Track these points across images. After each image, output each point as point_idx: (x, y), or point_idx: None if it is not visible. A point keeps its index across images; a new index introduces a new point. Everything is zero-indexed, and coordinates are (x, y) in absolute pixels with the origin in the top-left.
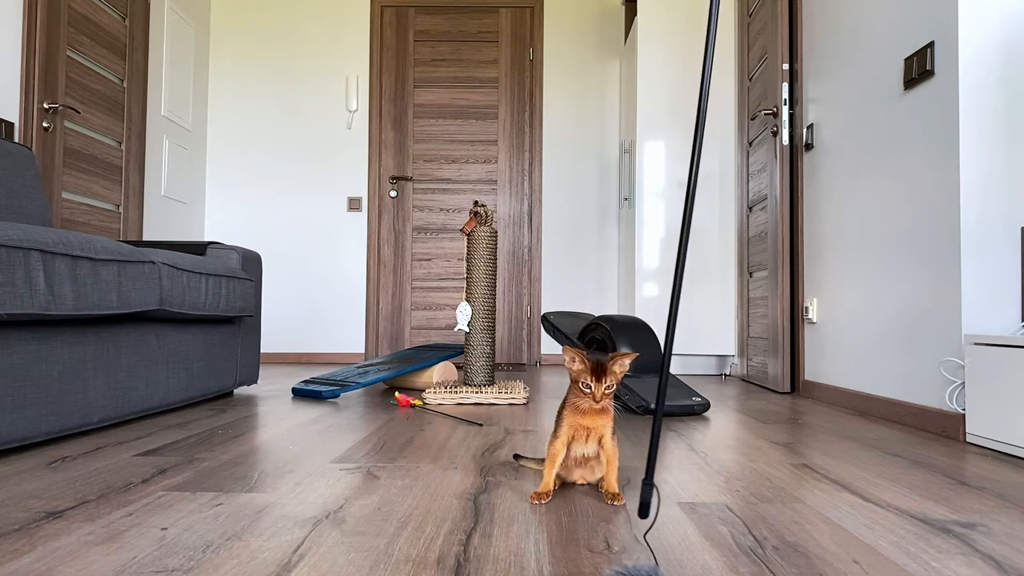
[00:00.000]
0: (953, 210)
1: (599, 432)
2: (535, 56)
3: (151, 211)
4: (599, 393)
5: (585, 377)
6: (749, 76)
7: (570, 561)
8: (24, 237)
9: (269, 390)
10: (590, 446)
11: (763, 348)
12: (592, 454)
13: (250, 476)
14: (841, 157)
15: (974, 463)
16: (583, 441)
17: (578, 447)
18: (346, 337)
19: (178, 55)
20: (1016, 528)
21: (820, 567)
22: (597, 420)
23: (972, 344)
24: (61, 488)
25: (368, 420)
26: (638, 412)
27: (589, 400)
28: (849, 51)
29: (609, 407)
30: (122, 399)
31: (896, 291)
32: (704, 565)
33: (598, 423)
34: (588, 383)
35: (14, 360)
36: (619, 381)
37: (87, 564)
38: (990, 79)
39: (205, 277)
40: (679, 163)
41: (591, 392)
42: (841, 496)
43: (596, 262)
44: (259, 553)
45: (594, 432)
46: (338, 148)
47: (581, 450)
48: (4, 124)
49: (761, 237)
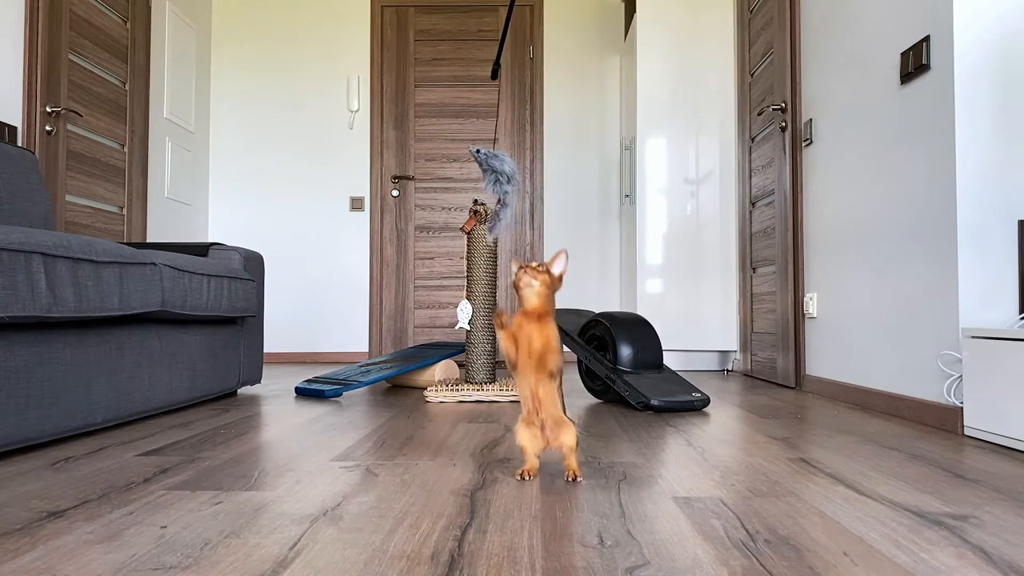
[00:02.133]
0: (950, 204)
1: (542, 339)
2: (535, 54)
3: (155, 213)
4: (530, 269)
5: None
6: (751, 72)
7: (563, 555)
8: (25, 240)
9: (272, 390)
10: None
11: (770, 344)
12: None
13: (250, 475)
14: (839, 152)
15: (971, 456)
16: (528, 351)
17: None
18: (350, 336)
19: (180, 57)
20: (1008, 520)
21: (810, 559)
22: (537, 328)
23: (969, 337)
24: (63, 488)
25: (369, 418)
26: (638, 408)
27: (526, 278)
28: (846, 46)
29: (547, 313)
30: (125, 400)
31: (894, 285)
32: (695, 558)
33: (538, 333)
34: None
35: (17, 362)
36: (553, 273)
37: (87, 562)
38: (986, 72)
39: (207, 278)
40: (680, 159)
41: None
42: (836, 490)
43: (598, 259)
44: (256, 550)
45: (538, 334)
46: (340, 148)
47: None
48: (7, 128)
49: (767, 232)
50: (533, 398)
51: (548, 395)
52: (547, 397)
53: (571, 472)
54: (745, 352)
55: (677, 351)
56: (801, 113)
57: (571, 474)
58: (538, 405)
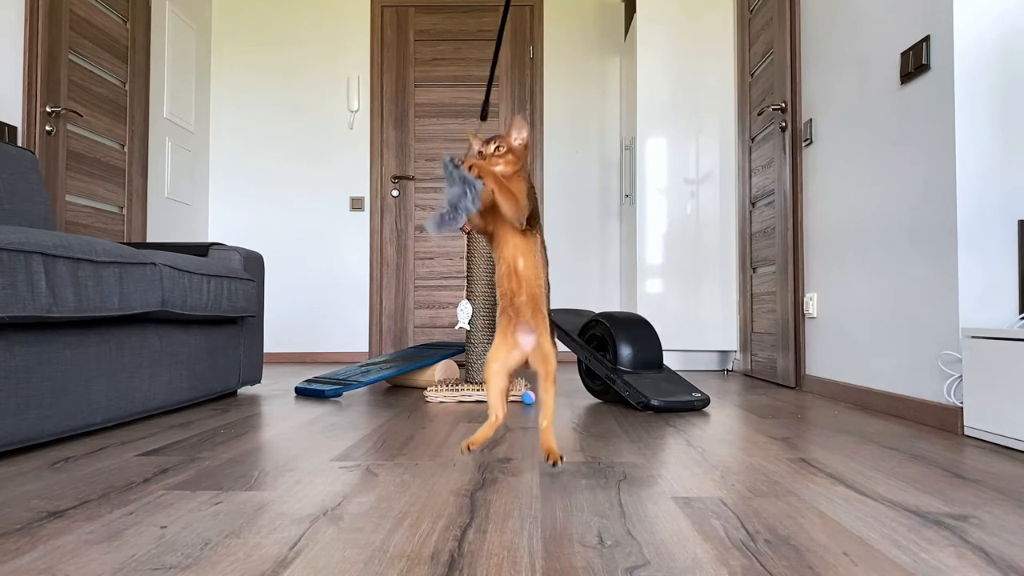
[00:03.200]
0: (950, 204)
1: (516, 248)
2: (535, 54)
3: (155, 213)
4: (492, 157)
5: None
6: (751, 72)
7: (563, 555)
8: (25, 240)
9: (272, 390)
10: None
11: (770, 343)
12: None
13: (250, 475)
14: (839, 152)
15: (971, 456)
16: (505, 258)
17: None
18: (350, 336)
19: (180, 57)
20: (1008, 520)
21: (810, 559)
22: (510, 234)
23: (969, 337)
24: (63, 488)
25: (369, 418)
26: (638, 408)
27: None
28: (846, 46)
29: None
30: (125, 400)
31: (894, 285)
32: (695, 558)
33: (511, 238)
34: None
35: (17, 362)
36: (514, 148)
37: (87, 562)
38: (986, 72)
39: (207, 278)
40: (680, 159)
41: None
42: (836, 490)
43: (598, 259)
44: (256, 550)
45: (508, 244)
46: (340, 148)
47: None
48: (7, 128)
49: (767, 232)
50: (510, 274)
51: (530, 266)
52: (529, 270)
53: (549, 454)
54: (745, 352)
55: (677, 351)
56: (801, 113)
57: (550, 457)
58: (517, 285)
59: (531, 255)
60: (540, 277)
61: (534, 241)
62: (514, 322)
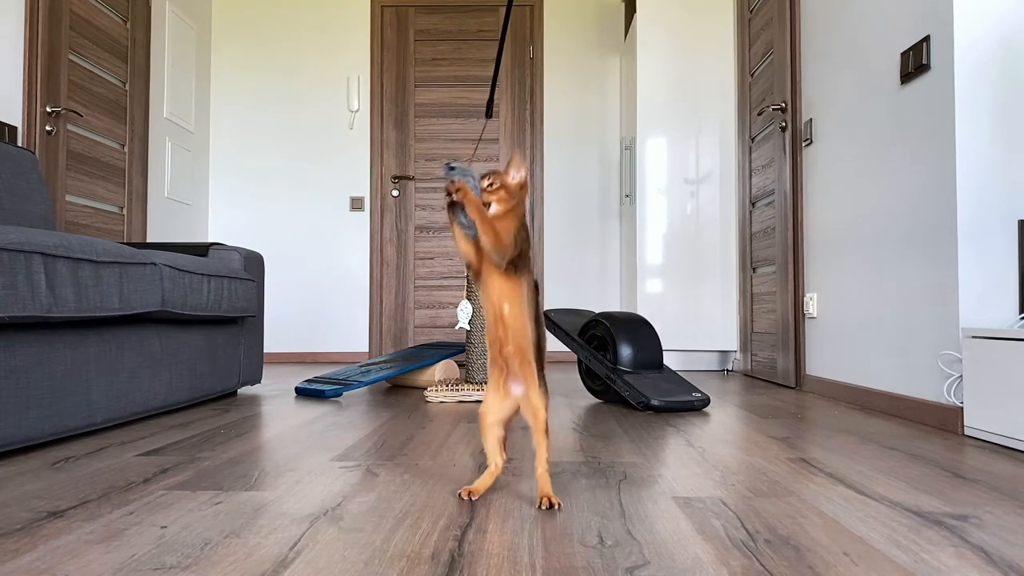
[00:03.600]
0: (950, 204)
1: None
2: (535, 54)
3: (155, 213)
4: (485, 193)
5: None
6: (751, 72)
7: (563, 555)
8: (25, 240)
9: (272, 390)
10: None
11: (770, 343)
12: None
13: (250, 475)
14: (839, 151)
15: (971, 456)
16: (492, 300)
17: (489, 307)
18: (350, 336)
19: (180, 57)
20: (1008, 520)
21: (810, 559)
22: (496, 278)
23: (970, 337)
24: (63, 488)
25: (369, 418)
26: (638, 408)
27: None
28: (846, 46)
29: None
30: (125, 400)
31: (894, 285)
32: (695, 558)
33: (498, 282)
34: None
35: (17, 362)
36: (509, 185)
37: (87, 562)
38: (986, 72)
39: (207, 278)
40: (681, 159)
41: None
42: (836, 490)
43: (598, 259)
44: (256, 550)
45: (494, 288)
46: (340, 148)
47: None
48: (7, 128)
49: (767, 232)
50: (496, 321)
51: (516, 313)
52: (515, 319)
53: (544, 498)
54: (745, 352)
55: (677, 351)
56: (801, 113)
57: (544, 500)
58: (504, 333)
59: (517, 301)
60: (526, 326)
61: (519, 285)
62: (505, 372)
